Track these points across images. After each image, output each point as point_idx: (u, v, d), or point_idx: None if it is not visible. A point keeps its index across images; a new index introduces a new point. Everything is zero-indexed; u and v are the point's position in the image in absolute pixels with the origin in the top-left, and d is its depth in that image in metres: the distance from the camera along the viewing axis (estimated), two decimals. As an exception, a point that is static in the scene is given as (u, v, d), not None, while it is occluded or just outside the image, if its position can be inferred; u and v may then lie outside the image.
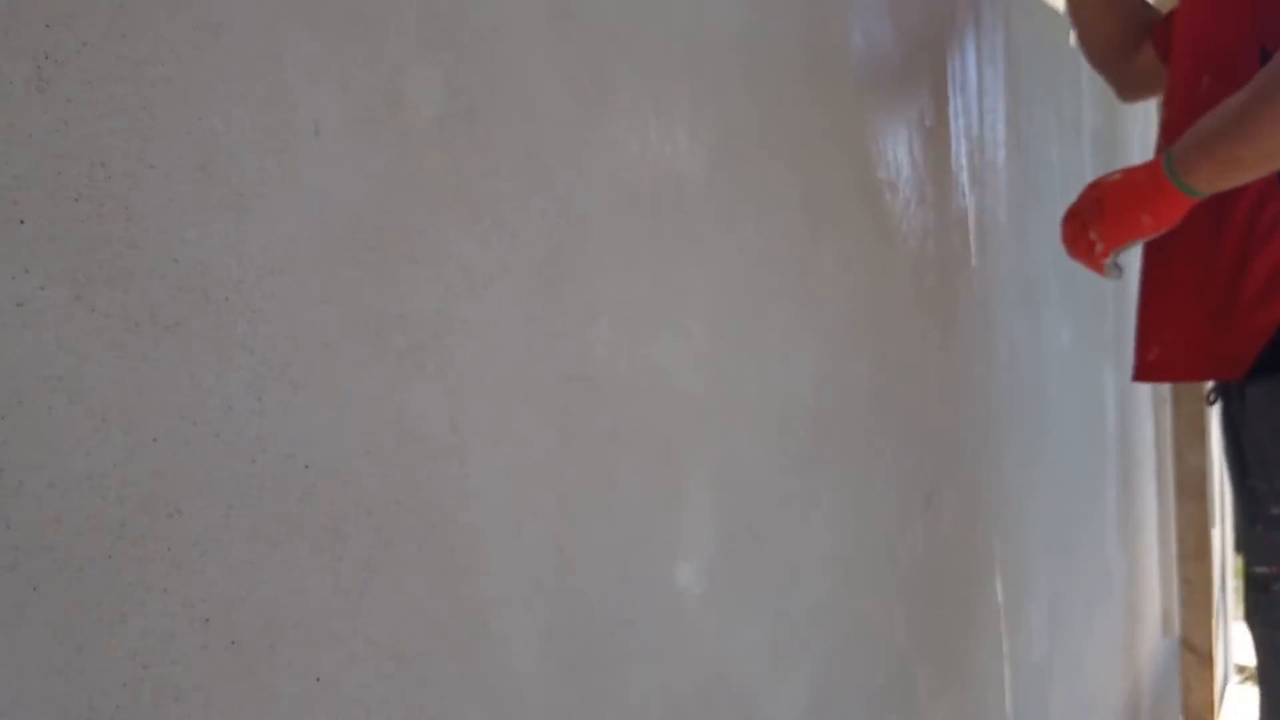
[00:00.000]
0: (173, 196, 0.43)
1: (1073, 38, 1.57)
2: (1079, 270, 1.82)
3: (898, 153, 1.19)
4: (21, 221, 0.37)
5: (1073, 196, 1.21)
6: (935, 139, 1.30)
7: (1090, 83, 2.28)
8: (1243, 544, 1.15)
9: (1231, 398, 1.19)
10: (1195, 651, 2.62)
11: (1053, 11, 1.97)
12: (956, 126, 1.38)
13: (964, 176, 1.42)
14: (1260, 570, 1.12)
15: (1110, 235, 1.08)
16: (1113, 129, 2.43)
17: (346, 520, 0.50)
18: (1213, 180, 1.00)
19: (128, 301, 0.41)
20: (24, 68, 0.37)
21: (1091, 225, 1.10)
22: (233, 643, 0.44)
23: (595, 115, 0.69)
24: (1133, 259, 1.37)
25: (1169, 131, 1.22)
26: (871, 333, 1.10)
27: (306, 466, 0.48)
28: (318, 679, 0.48)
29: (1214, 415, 2.56)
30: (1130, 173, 1.07)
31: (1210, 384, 1.29)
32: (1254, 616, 1.14)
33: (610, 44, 0.71)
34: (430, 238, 0.55)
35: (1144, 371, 1.23)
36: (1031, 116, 1.74)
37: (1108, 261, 1.12)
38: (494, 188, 0.60)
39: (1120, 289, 2.32)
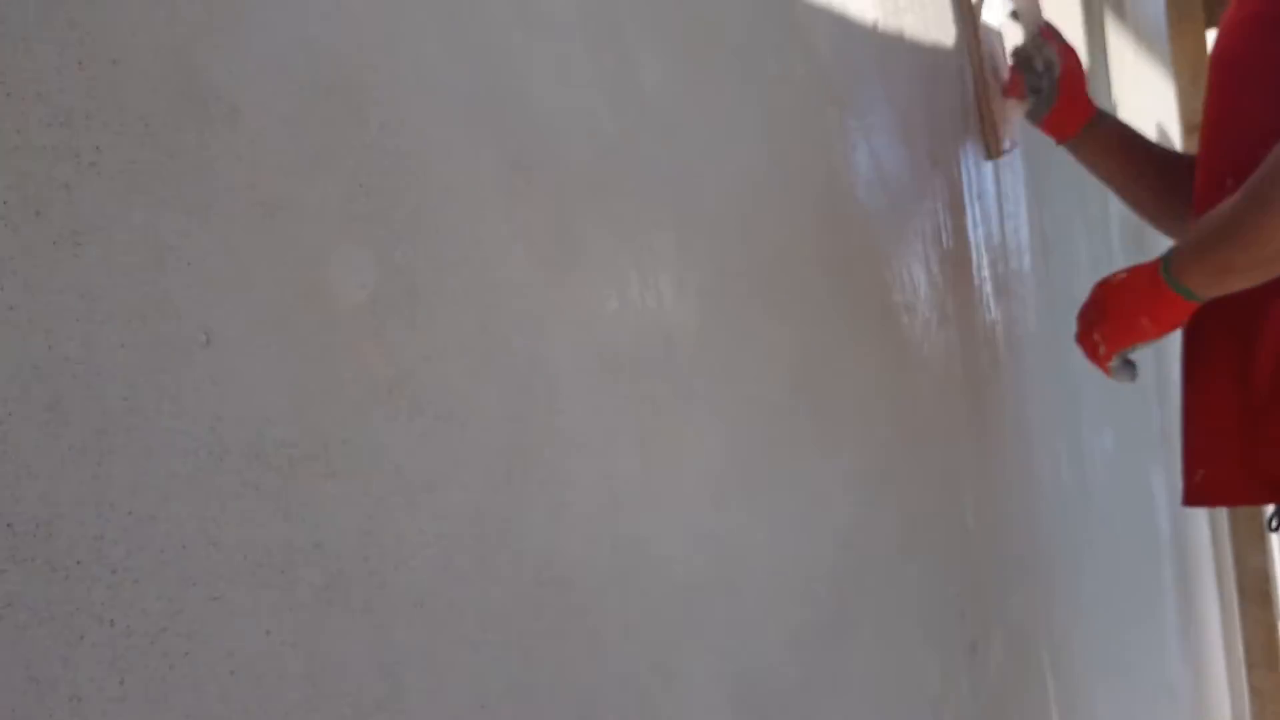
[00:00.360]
0: (10, 447, 0.35)
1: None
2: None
3: (914, 273, 1.11)
4: None
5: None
6: (954, 253, 1.22)
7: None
8: None
9: None
10: (1273, 771, 2.41)
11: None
12: (976, 237, 1.30)
13: (988, 288, 1.33)
14: None
15: (1111, 337, 1.04)
16: (1143, 218, 2.34)
17: (243, 813, 0.41)
18: (1209, 285, 0.95)
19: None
20: None
21: (1095, 326, 1.06)
22: None
23: (561, 275, 0.61)
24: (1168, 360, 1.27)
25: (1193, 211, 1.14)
26: (898, 472, 1.00)
27: (188, 755, 0.39)
28: None
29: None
30: (1132, 273, 1.03)
31: (1270, 508, 1.17)
32: None
33: (579, 196, 0.63)
34: (355, 447, 0.47)
35: (1193, 495, 1.14)
36: (1056, 216, 1.66)
37: (1113, 364, 1.06)
38: (438, 373, 0.52)
39: (1165, 386, 2.20)
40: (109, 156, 0.39)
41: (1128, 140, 1.28)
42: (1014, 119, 1.34)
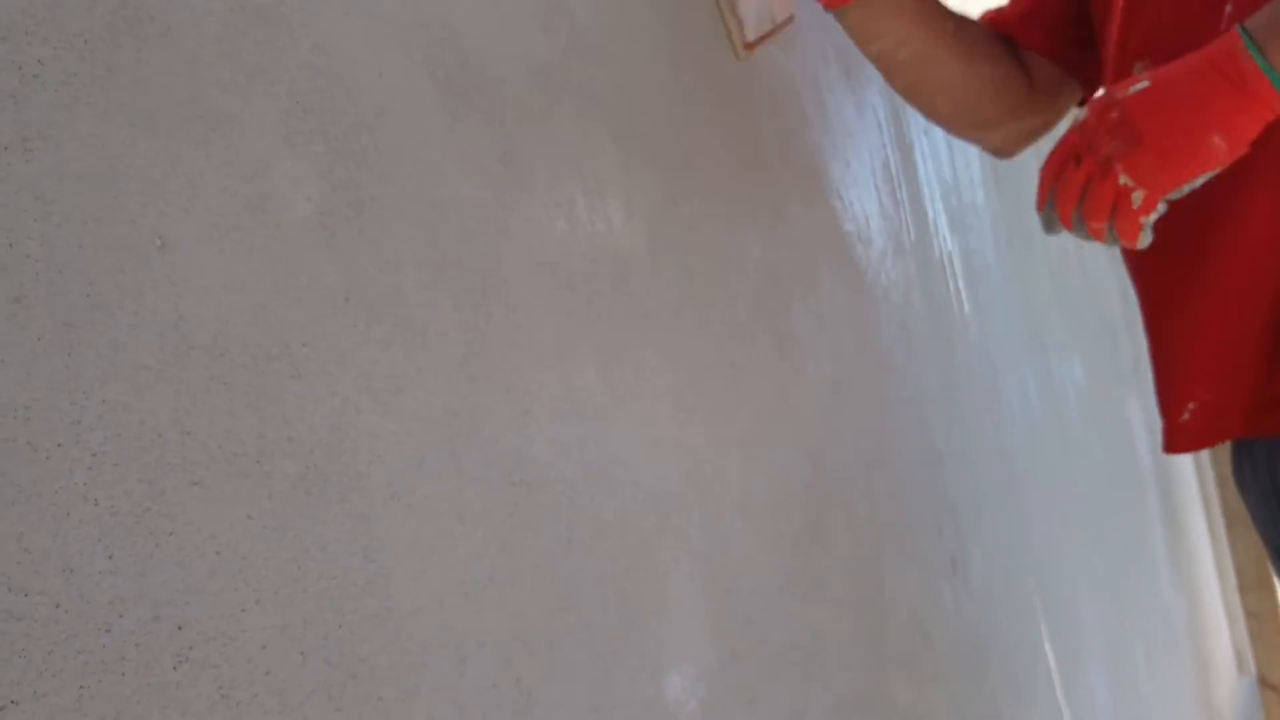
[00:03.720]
0: (-20, 334, 0.37)
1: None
2: (1082, 293, 1.74)
3: (865, 205, 1.14)
4: None
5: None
6: (905, 187, 1.25)
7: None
8: None
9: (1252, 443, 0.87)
10: (1274, 688, 2.45)
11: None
12: (926, 171, 1.33)
13: (942, 221, 1.37)
14: None
15: (1161, 174, 0.70)
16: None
17: (238, 685, 0.43)
18: None
19: (-83, 463, 0.35)
20: None
21: (1120, 162, 0.70)
22: None
23: (507, 194, 0.64)
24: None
25: (1158, 40, 0.84)
26: (863, 393, 1.03)
27: (179, 627, 0.41)
28: None
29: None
30: (1172, 73, 0.70)
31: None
32: None
33: (518, 121, 0.66)
34: (317, 349, 0.49)
35: (1178, 438, 0.89)
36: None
37: (1149, 219, 0.72)
38: (391, 284, 0.54)
39: (1133, 312, 2.24)
40: (51, 69, 0.41)
41: (919, 7, 0.92)
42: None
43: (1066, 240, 1.72)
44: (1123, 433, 2.09)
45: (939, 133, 1.39)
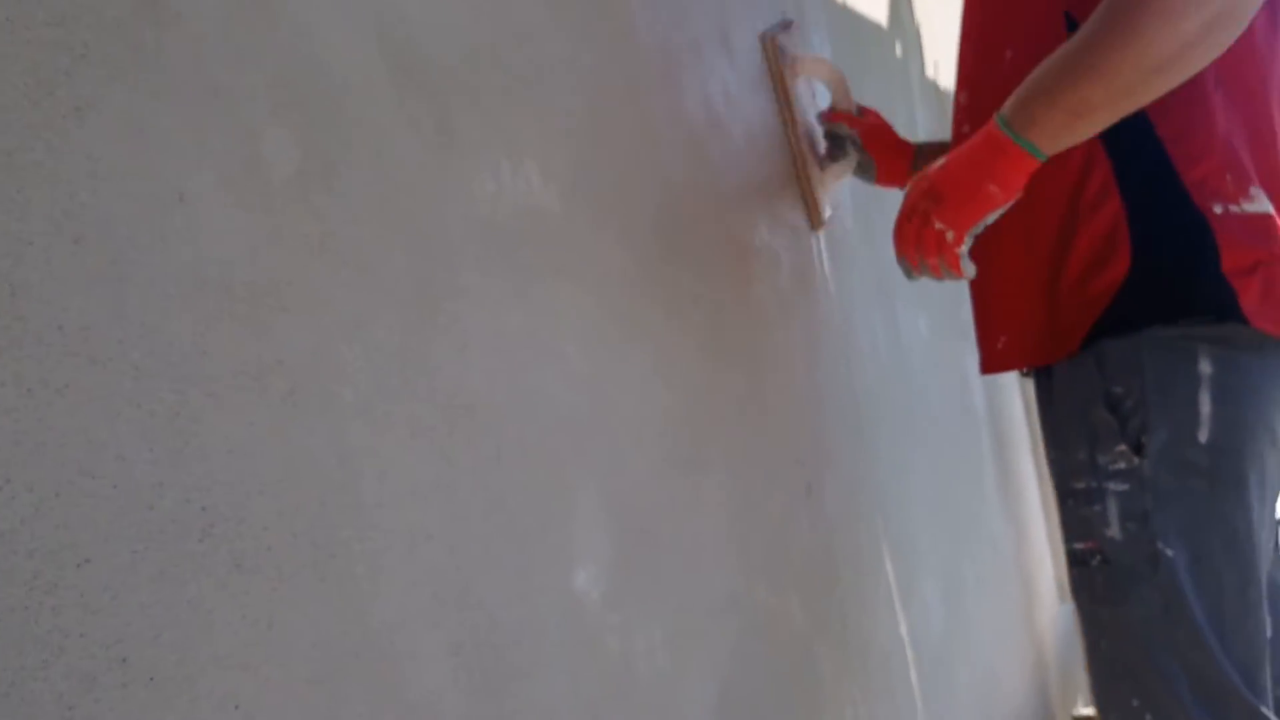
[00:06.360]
0: (53, 269, 0.46)
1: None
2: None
3: (736, 175, 1.27)
4: (-91, 304, 0.40)
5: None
6: (774, 158, 1.40)
7: (922, 98, 2.45)
8: (1060, 521, 1.11)
9: (1041, 375, 1.16)
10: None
11: (873, 22, 2.12)
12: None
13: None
14: (1078, 546, 1.08)
15: (959, 217, 0.97)
16: (946, 129, 2.60)
17: (247, 556, 0.53)
18: (1058, 133, 0.91)
19: (20, 369, 0.44)
20: (-103, 163, 0.40)
21: (934, 215, 0.99)
22: (151, 679, 0.47)
23: (446, 159, 0.74)
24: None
25: (973, 115, 1.15)
26: (737, 338, 1.17)
27: (203, 509, 0.51)
28: (236, 706, 0.51)
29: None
30: (960, 150, 0.98)
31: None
32: (1079, 594, 1.10)
33: (453, 93, 0.76)
34: (299, 287, 0.59)
35: (993, 361, 1.19)
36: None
37: (963, 250, 1.01)
38: (355, 235, 0.64)
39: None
40: (94, 50, 0.50)
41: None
42: (832, 185, 1.47)
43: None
44: (960, 382, 2.32)
45: (805, 104, 1.54)
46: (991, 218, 0.98)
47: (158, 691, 0.47)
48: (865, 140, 1.40)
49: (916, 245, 1.04)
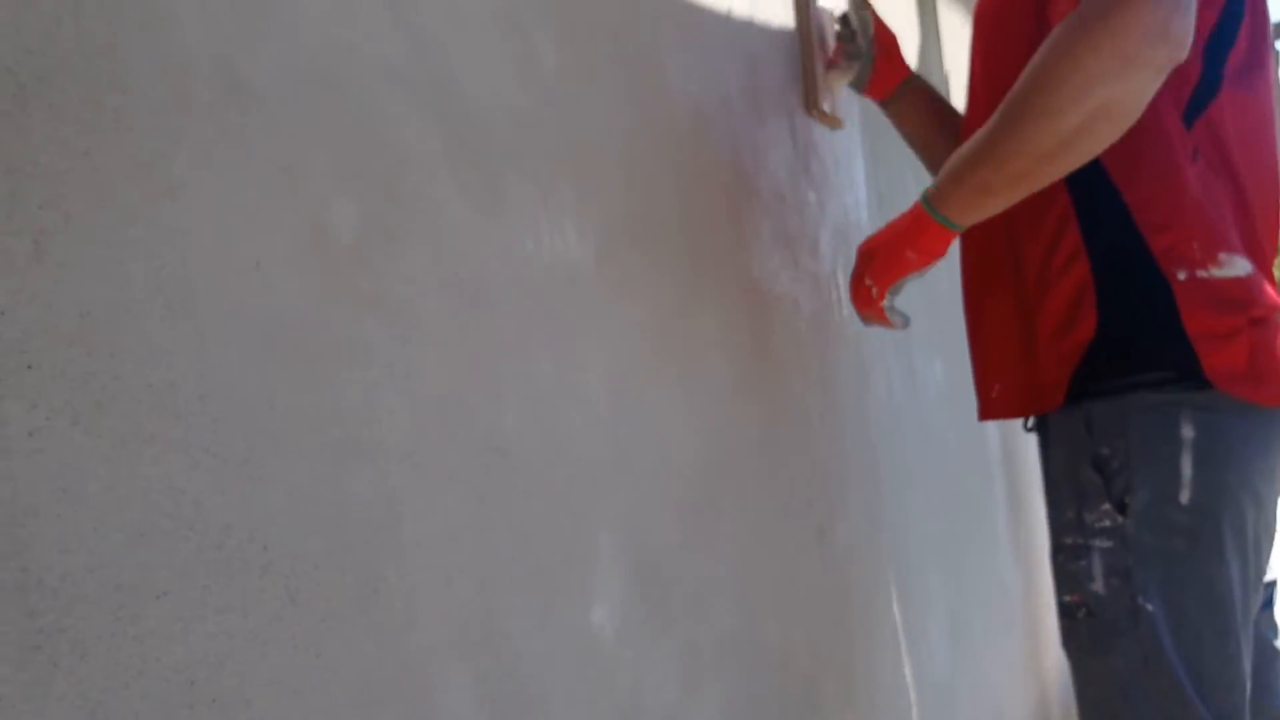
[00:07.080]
0: (145, 333, 0.52)
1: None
2: (948, 309, 1.99)
3: (761, 226, 1.33)
4: (29, 367, 0.46)
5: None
6: (797, 208, 1.45)
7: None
8: (1052, 573, 1.16)
9: (1041, 430, 1.22)
10: (1091, 655, 2.78)
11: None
12: (821, 195, 1.53)
13: (826, 235, 1.57)
14: (1067, 599, 1.13)
15: (880, 276, 1.11)
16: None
17: (300, 591, 0.59)
18: (966, 209, 1.01)
19: (114, 424, 0.49)
20: (24, 243, 0.46)
21: (865, 274, 1.13)
22: (214, 700, 0.52)
23: (492, 221, 0.80)
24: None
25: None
26: (755, 385, 1.22)
27: (265, 547, 0.57)
28: (286, 728, 0.56)
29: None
30: (892, 222, 1.12)
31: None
32: (1069, 644, 1.14)
33: (499, 159, 0.82)
34: (356, 344, 0.65)
35: (988, 409, 1.26)
36: (890, 175, 1.92)
37: (886, 304, 1.14)
38: (408, 294, 0.70)
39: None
40: (189, 135, 0.56)
41: (935, 101, 1.44)
42: (836, 87, 1.54)
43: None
44: (976, 425, 2.36)
45: (828, 159, 1.60)
46: (911, 277, 1.11)
47: (220, 713, 0.52)
48: (877, 32, 1.44)
49: (855, 299, 1.18)
